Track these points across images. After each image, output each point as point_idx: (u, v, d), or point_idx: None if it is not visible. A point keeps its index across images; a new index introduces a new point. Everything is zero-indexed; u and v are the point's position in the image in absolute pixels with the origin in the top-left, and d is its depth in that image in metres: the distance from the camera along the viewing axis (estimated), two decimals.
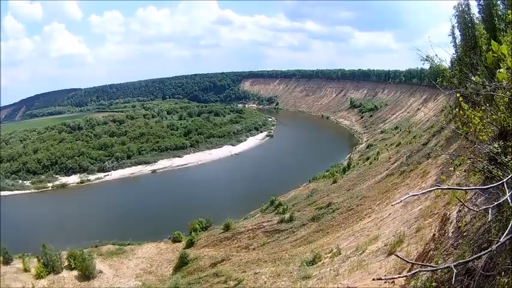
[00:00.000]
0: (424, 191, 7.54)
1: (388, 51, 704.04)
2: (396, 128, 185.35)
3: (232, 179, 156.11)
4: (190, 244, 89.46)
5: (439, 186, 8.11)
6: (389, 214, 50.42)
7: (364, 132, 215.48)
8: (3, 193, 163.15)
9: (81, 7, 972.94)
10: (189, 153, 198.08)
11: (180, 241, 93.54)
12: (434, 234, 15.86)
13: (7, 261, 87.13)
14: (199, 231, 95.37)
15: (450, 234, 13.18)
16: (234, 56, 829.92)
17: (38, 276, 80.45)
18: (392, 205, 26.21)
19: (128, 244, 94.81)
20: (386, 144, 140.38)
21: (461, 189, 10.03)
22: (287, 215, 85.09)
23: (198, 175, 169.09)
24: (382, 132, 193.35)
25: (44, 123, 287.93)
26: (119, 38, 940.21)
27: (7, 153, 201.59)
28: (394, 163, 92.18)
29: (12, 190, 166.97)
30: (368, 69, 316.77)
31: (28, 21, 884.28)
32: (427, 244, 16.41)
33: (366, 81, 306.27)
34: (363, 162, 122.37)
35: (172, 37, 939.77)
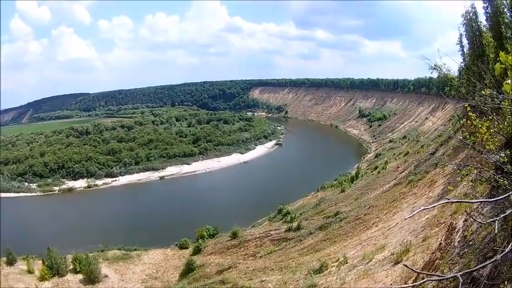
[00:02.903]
0: (434, 205, 7.53)
1: (396, 60, 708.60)
2: (404, 137, 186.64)
3: (240, 187, 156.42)
4: (197, 251, 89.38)
5: (448, 199, 8.14)
6: (397, 223, 50.32)
7: (373, 142, 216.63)
8: (8, 195, 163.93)
9: (89, 11, 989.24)
10: (197, 161, 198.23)
11: (186, 248, 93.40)
12: (440, 244, 15.84)
13: (11, 262, 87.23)
14: (207, 238, 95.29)
15: (456, 244, 13.19)
16: (243, 63, 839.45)
17: (42, 279, 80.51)
18: (405, 219, 26.31)
19: (134, 250, 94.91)
20: (394, 154, 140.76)
21: (470, 202, 10.07)
22: (295, 224, 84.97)
23: (206, 182, 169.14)
24: (390, 141, 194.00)
25: (51, 127, 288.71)
26: (128, 44, 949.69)
27: (13, 155, 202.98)
28: (402, 172, 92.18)
29: (18, 192, 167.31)
30: (377, 78, 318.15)
31: (36, 24, 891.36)
32: (433, 253, 16.39)
33: (375, 90, 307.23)
34: (371, 172, 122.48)
35: (181, 44, 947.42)
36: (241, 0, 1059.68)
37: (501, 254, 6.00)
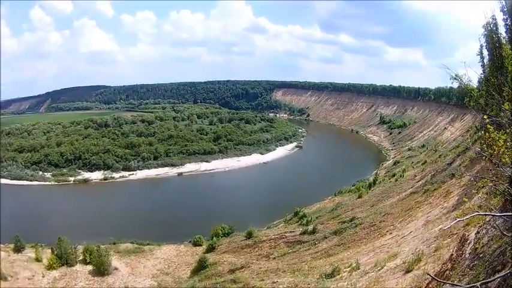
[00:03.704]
0: (466, 217, 7.50)
1: (417, 68, 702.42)
2: (423, 146, 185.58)
3: (258, 188, 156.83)
4: (210, 249, 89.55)
5: (478, 212, 8.09)
6: (410, 232, 50.36)
7: (392, 149, 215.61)
8: (21, 182, 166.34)
9: (112, 6, 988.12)
10: (217, 159, 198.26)
11: (200, 245, 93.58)
12: (452, 255, 15.82)
13: (19, 250, 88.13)
14: (221, 236, 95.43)
15: (467, 255, 13.18)
16: (267, 64, 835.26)
17: (50, 267, 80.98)
18: (443, 229, 26.20)
19: (147, 244, 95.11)
20: (412, 162, 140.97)
21: (499, 215, 10.00)
22: (310, 227, 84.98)
23: (225, 181, 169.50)
24: (409, 149, 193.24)
25: (69, 118, 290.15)
26: (151, 39, 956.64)
27: (29, 143, 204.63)
28: (418, 181, 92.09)
29: (31, 180, 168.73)
30: (399, 86, 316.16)
31: (57, 14, 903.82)
32: (444, 264, 16.38)
33: (396, 98, 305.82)
34: (389, 179, 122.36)
35: (205, 42, 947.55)
36: (266, 1, 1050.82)
37: (510, 268, 5.99)
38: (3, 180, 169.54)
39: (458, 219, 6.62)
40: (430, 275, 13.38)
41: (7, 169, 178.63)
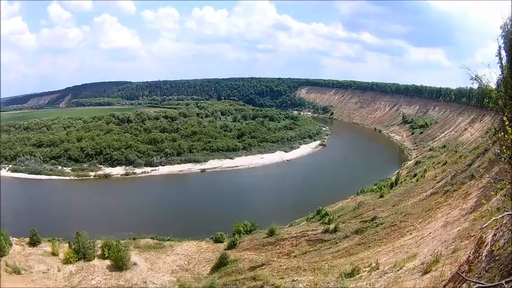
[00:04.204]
0: (498, 217, 7.47)
1: (439, 68, 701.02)
2: (444, 146, 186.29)
3: (281, 185, 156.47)
4: (232, 246, 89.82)
5: (496, 214, 8.14)
6: (430, 233, 50.30)
7: (414, 149, 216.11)
8: (39, 177, 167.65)
9: (134, 2, 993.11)
10: (240, 156, 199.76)
11: (222, 242, 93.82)
12: (469, 257, 15.74)
13: (34, 243, 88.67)
14: (243, 234, 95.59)
15: (483, 258, 13.12)
16: (290, 62, 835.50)
17: (66, 261, 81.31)
18: (481, 228, 26.21)
19: (168, 240, 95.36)
20: (433, 163, 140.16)
21: None
22: (332, 226, 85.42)
23: (248, 178, 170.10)
24: (430, 149, 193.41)
25: (90, 113, 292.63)
26: (174, 35, 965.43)
27: (48, 138, 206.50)
28: (439, 182, 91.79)
29: (49, 175, 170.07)
30: (421, 85, 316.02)
31: (76, 10, 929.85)
32: (461, 266, 16.31)
33: (419, 97, 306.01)
34: (410, 179, 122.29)
35: (229, 38, 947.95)
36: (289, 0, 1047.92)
37: None
38: (21, 175, 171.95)
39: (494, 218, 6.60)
40: (460, 274, 13.31)
41: (24, 163, 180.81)
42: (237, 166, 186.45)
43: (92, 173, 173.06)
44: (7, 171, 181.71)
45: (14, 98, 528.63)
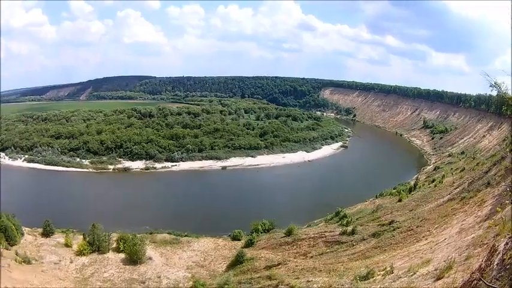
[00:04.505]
0: None
1: (460, 74, 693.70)
2: (462, 152, 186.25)
3: (302, 185, 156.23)
4: (249, 244, 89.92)
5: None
6: (445, 239, 50.20)
7: (433, 154, 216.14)
8: (56, 168, 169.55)
9: None
10: (262, 154, 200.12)
11: (239, 240, 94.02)
12: (480, 265, 15.84)
13: (47, 234, 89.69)
14: (261, 232, 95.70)
15: (495, 266, 13.22)
16: (315, 62, 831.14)
17: (80, 253, 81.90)
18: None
19: (185, 235, 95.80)
20: (451, 168, 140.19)
21: None
22: (350, 228, 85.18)
23: (269, 177, 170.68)
24: (449, 155, 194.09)
25: (111, 106, 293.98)
26: (199, 32, 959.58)
27: (67, 130, 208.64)
28: (456, 188, 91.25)
29: (67, 166, 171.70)
30: (442, 91, 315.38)
31: (98, 4, 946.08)
32: (473, 273, 16.40)
33: (439, 102, 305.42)
34: (428, 184, 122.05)
35: (254, 37, 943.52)
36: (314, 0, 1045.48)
37: None
38: (37, 165, 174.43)
39: None
40: (482, 280, 13.47)
41: (41, 154, 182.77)
42: (258, 165, 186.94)
43: (111, 166, 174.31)
44: (23, 161, 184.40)
45: (33, 89, 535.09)
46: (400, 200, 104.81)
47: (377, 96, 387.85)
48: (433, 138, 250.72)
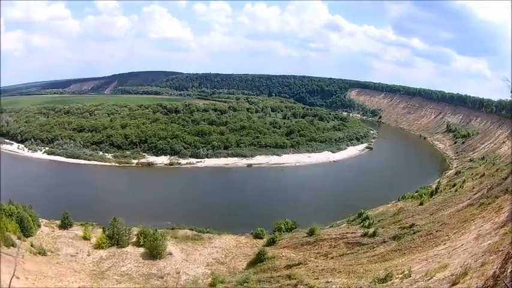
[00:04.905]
0: None
1: (481, 78, 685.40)
2: (483, 158, 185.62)
3: (326, 185, 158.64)
4: (271, 242, 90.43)
5: None
6: (462, 244, 50.23)
7: (455, 158, 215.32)
8: (77, 161, 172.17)
9: None
10: (288, 153, 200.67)
11: (261, 238, 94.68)
12: (495, 272, 16.31)
13: (65, 226, 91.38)
14: (284, 231, 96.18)
15: (508, 273, 13.79)
16: (342, 62, 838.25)
17: (98, 246, 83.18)
18: None
19: (207, 232, 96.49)
20: (472, 174, 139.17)
21: None
22: (371, 230, 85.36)
23: (294, 176, 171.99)
24: (470, 160, 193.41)
25: (136, 101, 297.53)
26: (226, 29, 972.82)
27: (90, 123, 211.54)
28: (476, 194, 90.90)
29: (89, 160, 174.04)
30: (465, 95, 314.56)
31: None
32: (487, 280, 16.93)
33: (462, 107, 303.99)
34: (449, 189, 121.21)
35: (281, 35, 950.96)
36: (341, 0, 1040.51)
37: None
38: (58, 158, 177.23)
39: None
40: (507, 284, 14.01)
41: (63, 147, 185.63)
42: (283, 163, 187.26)
43: (135, 161, 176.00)
44: (43, 153, 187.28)
45: (55, 82, 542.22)
46: (421, 204, 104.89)
47: (402, 99, 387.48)
48: (455, 143, 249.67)
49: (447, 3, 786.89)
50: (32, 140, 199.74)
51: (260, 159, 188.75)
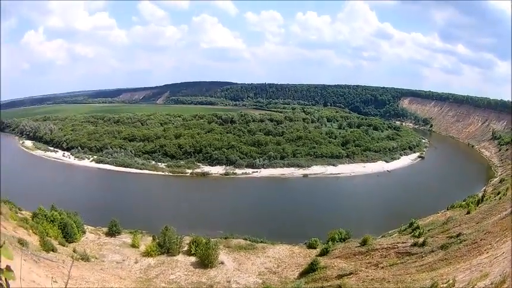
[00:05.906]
0: None
1: None
2: None
3: (380, 195, 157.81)
4: (324, 252, 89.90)
5: None
6: (503, 253, 50.61)
7: (500, 166, 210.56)
8: (129, 170, 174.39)
9: (235, 4, 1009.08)
10: (343, 163, 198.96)
11: (315, 248, 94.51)
12: None
13: (113, 233, 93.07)
14: (337, 241, 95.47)
15: None
16: (393, 71, 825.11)
17: (147, 254, 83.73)
18: None
19: (261, 242, 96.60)
20: None
21: None
22: (421, 239, 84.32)
23: (348, 186, 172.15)
24: None
25: (190, 111, 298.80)
26: (278, 39, 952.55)
27: (142, 133, 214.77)
28: None
29: (141, 169, 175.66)
30: (508, 101, 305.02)
31: (171, 9, 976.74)
32: None
33: (506, 113, 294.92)
34: (494, 197, 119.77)
35: (333, 45, 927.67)
36: (387, 7, 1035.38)
37: None
38: (106, 166, 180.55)
39: None
40: None
41: (112, 156, 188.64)
42: (339, 173, 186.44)
43: (189, 170, 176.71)
44: (90, 161, 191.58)
45: (103, 91, 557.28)
46: (468, 212, 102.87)
47: (451, 107, 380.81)
48: (500, 150, 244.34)
49: (485, 7, 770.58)
50: (79, 148, 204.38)
51: (316, 169, 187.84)
